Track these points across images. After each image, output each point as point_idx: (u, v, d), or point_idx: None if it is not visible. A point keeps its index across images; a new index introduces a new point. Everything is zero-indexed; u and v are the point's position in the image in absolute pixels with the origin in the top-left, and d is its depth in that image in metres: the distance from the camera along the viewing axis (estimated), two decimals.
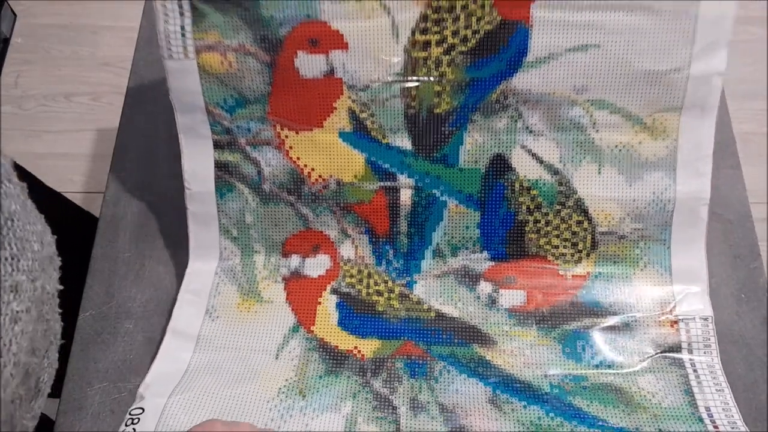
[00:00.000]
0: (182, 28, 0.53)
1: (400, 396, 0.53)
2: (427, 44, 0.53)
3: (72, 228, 0.51)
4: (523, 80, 0.53)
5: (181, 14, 0.53)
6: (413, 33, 0.53)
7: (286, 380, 0.54)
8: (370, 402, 0.53)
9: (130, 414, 0.52)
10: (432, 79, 0.54)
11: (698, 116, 0.53)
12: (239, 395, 0.53)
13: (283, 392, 0.53)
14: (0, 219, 0.30)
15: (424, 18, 0.52)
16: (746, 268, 0.64)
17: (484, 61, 0.53)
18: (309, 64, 0.54)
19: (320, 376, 0.54)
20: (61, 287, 0.38)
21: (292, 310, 0.58)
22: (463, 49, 0.53)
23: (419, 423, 0.52)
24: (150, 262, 0.64)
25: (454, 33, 0.53)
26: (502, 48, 0.52)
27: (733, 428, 0.50)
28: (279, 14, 0.53)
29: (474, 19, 0.52)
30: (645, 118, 0.53)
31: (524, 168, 0.55)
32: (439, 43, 0.53)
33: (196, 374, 0.55)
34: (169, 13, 0.53)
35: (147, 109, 0.72)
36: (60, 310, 0.39)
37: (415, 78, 0.54)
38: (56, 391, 0.60)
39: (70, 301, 0.60)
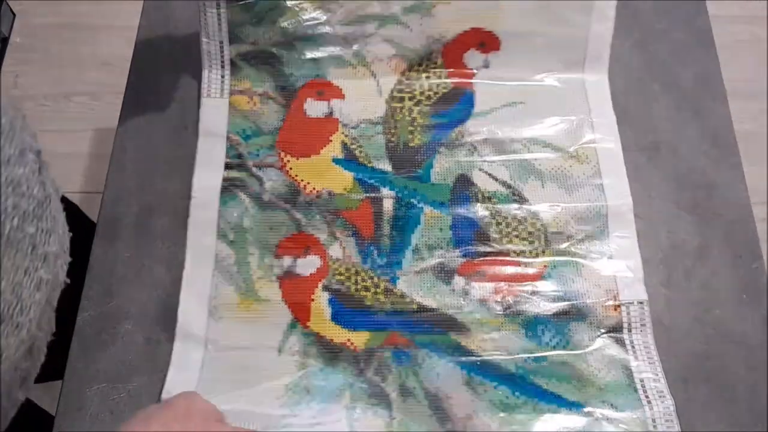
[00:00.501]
0: (222, 76, 0.72)
1: (391, 383, 0.60)
2: (401, 98, 0.73)
3: (72, 229, 0.52)
4: (473, 125, 0.71)
5: (222, 66, 0.72)
6: (392, 91, 0.73)
7: (291, 377, 0.59)
8: (365, 391, 0.59)
9: None
10: (406, 120, 0.71)
11: (609, 146, 0.69)
12: (253, 396, 0.58)
13: (290, 388, 0.59)
14: (43, 195, 0.37)
15: (400, 83, 0.73)
16: (747, 269, 0.64)
17: (443, 111, 0.72)
18: (314, 108, 0.72)
19: (321, 369, 0.60)
20: (68, 280, 0.39)
21: (288, 307, 0.63)
22: (428, 103, 0.72)
23: (409, 407, 0.58)
24: (150, 262, 0.64)
25: (421, 93, 0.73)
26: (456, 104, 0.72)
27: (660, 395, 0.58)
28: (297, 72, 0.73)
29: (434, 85, 0.73)
30: (570, 149, 0.70)
31: (483, 183, 0.68)
32: (410, 98, 0.73)
33: (210, 378, 0.59)
34: (213, 63, 0.72)
35: (147, 109, 0.72)
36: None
37: (393, 120, 0.71)
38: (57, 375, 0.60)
39: (70, 301, 0.61)
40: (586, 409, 0.58)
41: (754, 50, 1.50)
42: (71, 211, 0.48)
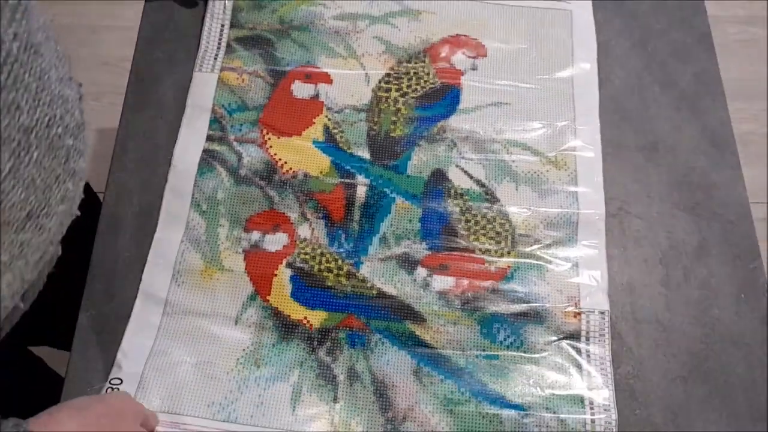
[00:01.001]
0: (216, 56, 0.73)
1: (340, 365, 0.60)
2: (388, 89, 0.73)
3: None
4: (456, 121, 0.72)
5: (219, 47, 0.74)
6: (380, 81, 0.73)
7: (244, 350, 0.61)
8: (314, 370, 0.60)
9: (110, 383, 0.58)
10: (390, 110, 0.72)
11: (590, 155, 0.70)
12: (203, 364, 0.60)
13: (241, 363, 0.60)
14: (81, 119, 0.42)
15: (388, 75, 0.74)
16: (746, 269, 0.64)
17: (428, 105, 0.73)
18: (301, 89, 0.73)
19: (273, 344, 0.61)
20: (78, 213, 0.42)
21: (251, 279, 0.64)
22: (414, 96, 0.73)
23: (354, 391, 0.59)
24: None
25: (408, 86, 0.73)
26: (442, 99, 0.73)
27: (605, 408, 0.58)
28: (288, 57, 0.74)
29: (422, 81, 0.74)
30: (549, 154, 0.70)
31: (458, 180, 0.69)
32: (397, 89, 0.73)
33: (166, 341, 0.61)
34: (210, 42, 0.74)
35: (147, 109, 0.72)
36: None
37: (377, 109, 0.72)
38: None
39: (70, 301, 0.61)
40: (527, 413, 0.58)
41: (753, 50, 1.50)
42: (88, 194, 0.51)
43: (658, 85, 0.74)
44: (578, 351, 0.61)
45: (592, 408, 0.59)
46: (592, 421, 0.58)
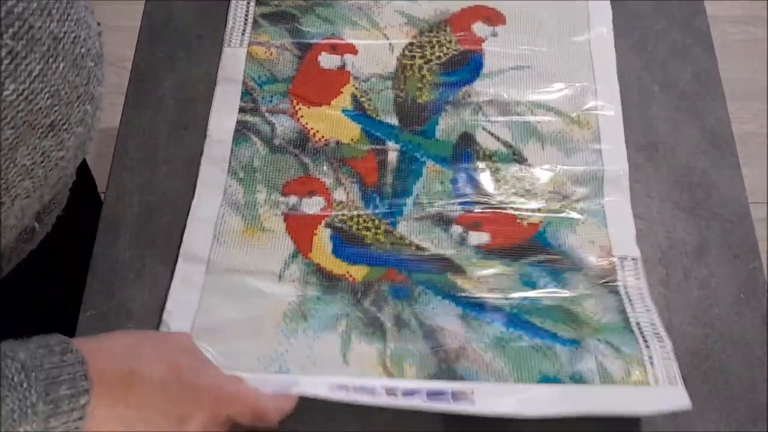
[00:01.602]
0: (243, 31, 0.75)
1: (386, 314, 0.61)
2: (412, 57, 0.75)
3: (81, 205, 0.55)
4: (480, 86, 0.73)
5: (245, 23, 0.76)
6: (403, 50, 0.75)
7: (289, 304, 0.61)
8: (361, 320, 0.60)
9: None
10: (415, 77, 0.73)
11: (610, 113, 0.71)
12: (251, 319, 0.60)
13: (288, 316, 0.60)
14: (101, 53, 0.44)
15: (411, 45, 0.76)
16: (746, 268, 0.64)
17: (452, 71, 0.74)
18: (328, 60, 0.74)
19: (318, 297, 0.61)
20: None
21: (292, 238, 0.64)
22: (437, 62, 0.75)
23: (403, 337, 0.60)
24: (150, 262, 0.64)
25: (431, 53, 0.75)
26: (465, 65, 0.75)
27: (657, 337, 0.58)
28: (313, 30, 0.76)
29: (444, 48, 0.75)
30: (572, 114, 0.72)
31: (485, 142, 0.70)
32: (420, 57, 0.75)
33: (211, 299, 0.61)
34: (237, 19, 0.76)
35: (147, 109, 0.72)
36: None
37: (403, 76, 0.73)
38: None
39: (70, 301, 0.61)
40: (582, 345, 0.58)
41: (753, 50, 1.50)
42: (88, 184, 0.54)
43: (658, 85, 0.74)
44: (616, 291, 0.61)
45: (644, 338, 0.58)
46: (648, 348, 0.58)
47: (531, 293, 0.62)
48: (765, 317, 0.63)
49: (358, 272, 0.63)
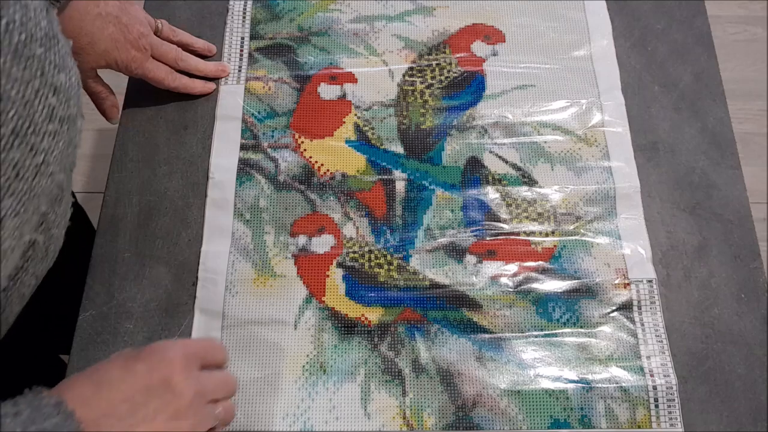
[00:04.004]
0: (240, 68, 0.73)
1: (404, 358, 0.59)
2: (413, 82, 0.72)
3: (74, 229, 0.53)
4: (484, 108, 0.71)
5: (241, 58, 0.73)
6: (404, 75, 0.72)
7: (308, 356, 0.59)
8: (379, 366, 0.59)
9: None
10: (418, 103, 0.71)
11: (618, 129, 0.70)
12: (271, 376, 0.59)
13: (307, 369, 0.59)
14: (50, 31, 0.38)
15: (411, 69, 0.73)
16: (746, 268, 0.64)
17: (455, 94, 0.72)
18: (328, 91, 0.71)
19: (335, 345, 0.59)
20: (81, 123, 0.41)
21: (304, 283, 0.62)
22: (439, 86, 0.72)
23: (421, 383, 0.58)
24: (150, 262, 0.64)
25: (432, 77, 0.72)
26: (467, 87, 0.72)
27: (665, 374, 0.59)
28: (311, 62, 0.73)
29: (445, 71, 0.73)
30: (578, 132, 0.69)
31: (494, 165, 0.68)
32: (421, 82, 0.72)
33: (230, 357, 0.59)
34: (232, 54, 0.74)
35: (147, 109, 0.71)
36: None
37: (405, 102, 0.71)
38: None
39: (70, 301, 0.61)
40: (591, 386, 0.58)
41: (753, 50, 1.50)
42: (75, 211, 0.49)
43: (658, 85, 0.73)
44: (632, 320, 0.61)
45: (652, 375, 0.58)
46: (654, 387, 0.58)
47: (546, 328, 0.61)
48: (765, 317, 0.62)
49: (373, 314, 0.61)
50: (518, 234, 0.64)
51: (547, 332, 0.60)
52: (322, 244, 0.64)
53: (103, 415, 0.43)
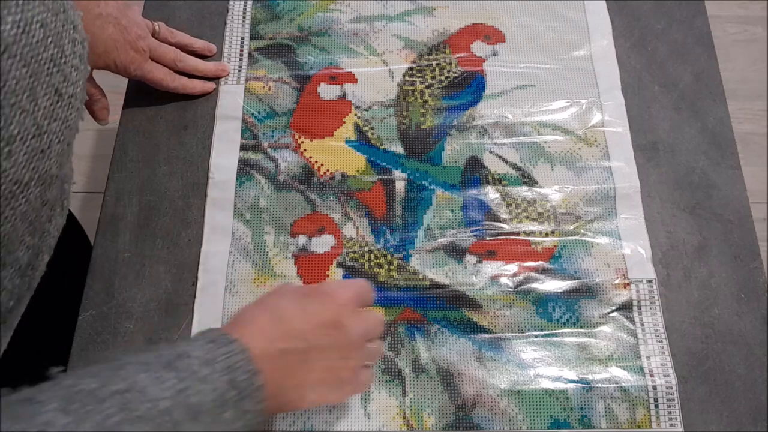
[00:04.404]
0: (239, 68, 0.73)
1: (404, 358, 0.59)
2: (413, 82, 0.72)
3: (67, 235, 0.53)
4: (484, 108, 0.71)
5: (241, 58, 0.73)
6: (404, 75, 0.72)
7: None
8: (379, 366, 0.58)
9: None
10: (418, 103, 0.71)
11: (618, 130, 0.69)
12: None
13: None
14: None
15: (411, 69, 0.73)
16: (746, 268, 0.64)
17: (455, 94, 0.71)
18: (328, 91, 0.71)
19: None
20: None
21: (304, 283, 0.62)
22: (439, 86, 0.72)
23: (421, 383, 0.58)
24: (150, 262, 0.63)
25: (432, 77, 0.72)
26: (467, 87, 0.72)
27: (665, 374, 0.59)
28: (311, 62, 0.73)
29: (445, 71, 0.73)
30: (578, 132, 0.69)
31: (494, 166, 0.68)
32: (422, 82, 0.72)
33: None
34: (232, 55, 0.73)
35: (147, 109, 0.71)
36: None
37: (405, 102, 0.70)
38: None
39: (71, 301, 0.61)
40: (591, 386, 0.58)
41: (753, 50, 1.50)
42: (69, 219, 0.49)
43: (658, 85, 0.73)
44: (632, 321, 0.61)
45: (652, 375, 0.58)
46: (654, 387, 0.58)
47: (547, 328, 0.60)
48: (765, 317, 0.62)
49: None
50: (518, 234, 0.64)
51: (547, 332, 0.60)
52: (322, 244, 0.64)
53: (280, 350, 0.46)
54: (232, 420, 0.42)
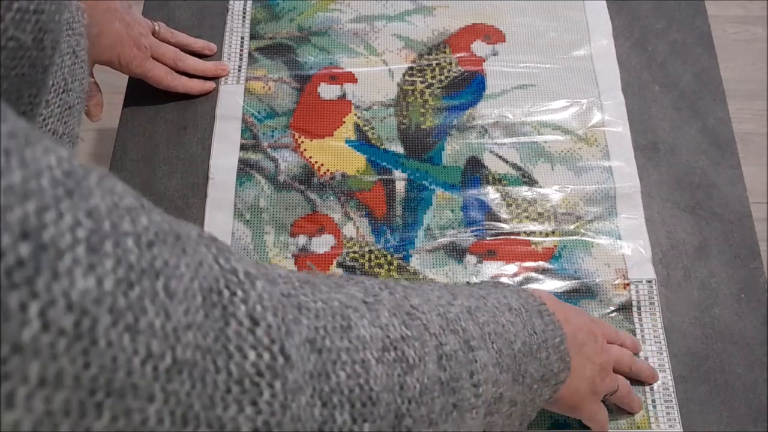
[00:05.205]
0: (239, 67, 0.72)
1: None
2: (413, 82, 0.72)
3: None
4: (484, 107, 0.70)
5: (240, 58, 0.73)
6: (403, 75, 0.72)
7: None
8: None
9: None
10: (418, 103, 0.70)
11: (618, 129, 0.69)
12: None
13: None
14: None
15: (411, 69, 0.72)
16: (746, 268, 0.64)
17: (455, 94, 0.71)
18: (328, 91, 0.71)
19: None
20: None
21: None
22: (439, 86, 0.71)
23: None
24: None
25: (432, 77, 0.72)
26: (467, 87, 0.72)
27: (662, 375, 0.59)
28: (311, 61, 0.73)
29: (445, 71, 0.72)
30: (579, 132, 0.69)
31: (494, 165, 0.67)
32: (422, 81, 0.72)
33: None
34: (232, 54, 0.73)
35: (147, 109, 0.71)
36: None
37: (405, 102, 0.70)
38: None
39: None
40: None
41: (753, 50, 1.50)
42: None
43: (658, 85, 0.72)
44: (631, 321, 0.60)
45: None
46: (651, 388, 0.58)
47: None
48: (765, 317, 0.62)
49: None
50: (518, 234, 0.64)
51: None
52: (322, 244, 0.64)
53: (571, 334, 0.48)
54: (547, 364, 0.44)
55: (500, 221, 0.65)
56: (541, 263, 0.63)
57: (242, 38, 0.74)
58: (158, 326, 0.22)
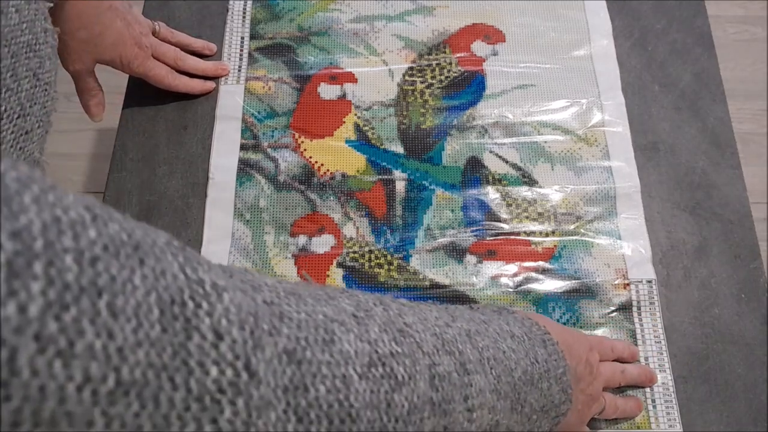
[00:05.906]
0: (239, 67, 0.72)
1: None
2: (413, 82, 0.71)
3: None
4: (484, 107, 0.70)
5: (240, 58, 0.73)
6: (404, 75, 0.72)
7: None
8: None
9: None
10: (418, 103, 0.70)
11: (618, 129, 0.69)
12: None
13: None
14: None
15: (411, 69, 0.72)
16: (746, 268, 0.64)
17: (455, 94, 0.71)
18: (328, 91, 0.71)
19: None
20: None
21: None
22: (439, 86, 0.71)
23: None
24: None
25: (432, 77, 0.72)
26: (467, 87, 0.71)
27: (662, 375, 0.59)
28: (311, 62, 0.72)
29: (445, 71, 0.72)
30: (579, 132, 0.69)
31: (494, 165, 0.67)
32: (422, 81, 0.71)
33: None
34: (232, 54, 0.73)
35: (147, 109, 0.71)
36: None
37: (405, 102, 0.70)
38: None
39: None
40: None
41: (753, 50, 1.50)
42: None
43: (658, 85, 0.72)
44: (631, 321, 0.60)
45: None
46: (651, 388, 0.58)
47: None
48: (765, 317, 0.61)
49: None
50: (518, 234, 0.64)
51: None
52: (322, 244, 0.64)
53: (573, 367, 0.47)
54: (548, 394, 0.43)
55: (500, 221, 0.65)
56: (541, 263, 0.63)
57: (242, 38, 0.74)
58: (98, 348, 0.20)
